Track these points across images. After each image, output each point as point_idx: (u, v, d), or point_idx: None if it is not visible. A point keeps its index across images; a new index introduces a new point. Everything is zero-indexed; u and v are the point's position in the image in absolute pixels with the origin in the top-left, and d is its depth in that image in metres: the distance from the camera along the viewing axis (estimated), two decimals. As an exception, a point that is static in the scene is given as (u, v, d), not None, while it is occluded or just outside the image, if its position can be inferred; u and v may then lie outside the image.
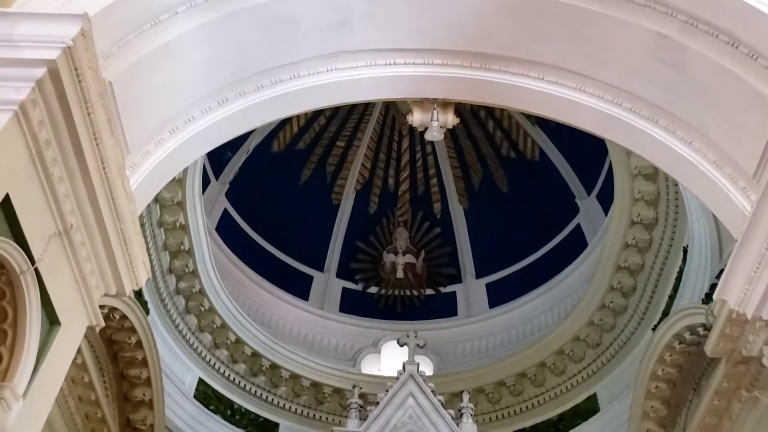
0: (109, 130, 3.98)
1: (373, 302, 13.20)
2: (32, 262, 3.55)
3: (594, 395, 10.41)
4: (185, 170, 8.56)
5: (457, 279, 13.40)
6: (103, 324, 4.38)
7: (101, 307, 6.86)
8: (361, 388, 8.91)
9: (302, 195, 13.31)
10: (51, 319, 3.76)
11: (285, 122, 13.02)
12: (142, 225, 8.70)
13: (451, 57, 5.56)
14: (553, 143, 12.75)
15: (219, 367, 10.22)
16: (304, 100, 5.65)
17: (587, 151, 11.92)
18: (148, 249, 8.93)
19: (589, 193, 12.01)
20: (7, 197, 3.33)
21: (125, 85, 4.42)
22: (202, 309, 9.97)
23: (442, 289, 13.27)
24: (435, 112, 5.98)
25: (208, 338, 10.25)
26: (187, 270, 9.52)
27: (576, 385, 10.60)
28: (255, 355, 10.51)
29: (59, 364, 3.85)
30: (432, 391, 7.86)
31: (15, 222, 3.42)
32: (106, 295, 4.31)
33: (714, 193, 4.90)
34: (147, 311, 8.92)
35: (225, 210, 12.12)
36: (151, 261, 9.16)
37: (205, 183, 11.50)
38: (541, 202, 12.77)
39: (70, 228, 3.75)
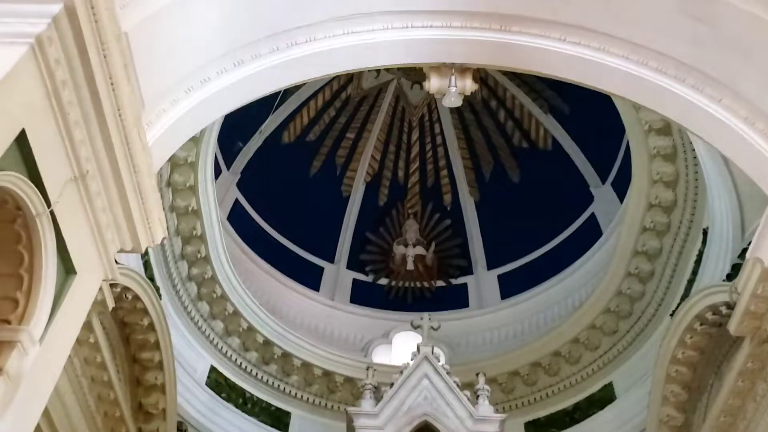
0: (126, 76, 3.88)
1: (384, 293, 13.05)
2: (48, 204, 3.43)
3: (610, 384, 10.22)
4: (197, 154, 8.47)
5: (468, 271, 13.24)
6: (118, 277, 4.25)
7: (113, 285, 6.80)
8: (375, 370, 8.75)
9: (312, 186, 13.20)
10: (67, 268, 3.65)
11: (295, 113, 12.96)
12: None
13: (470, 18, 5.44)
14: (566, 131, 12.63)
15: (231, 355, 10.09)
16: (319, 63, 5.54)
17: (602, 138, 11.81)
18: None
19: (603, 181, 11.86)
20: (23, 133, 3.23)
21: (141, 37, 4.32)
22: (214, 296, 9.84)
23: (453, 281, 13.12)
24: (452, 77, 5.86)
25: (220, 326, 10.12)
26: (199, 256, 9.41)
27: (592, 374, 10.42)
28: (267, 343, 10.37)
29: (75, 313, 3.74)
30: (447, 372, 7.70)
31: (31, 160, 3.32)
32: (121, 250, 4.19)
33: (746, 150, 4.76)
34: (159, 296, 8.81)
35: (236, 200, 12.02)
36: (162, 246, 9.09)
37: (217, 172, 11.43)
38: (554, 192, 12.59)
39: (86, 174, 3.65)
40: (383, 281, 13.19)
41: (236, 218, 11.79)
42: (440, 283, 13.13)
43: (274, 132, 12.73)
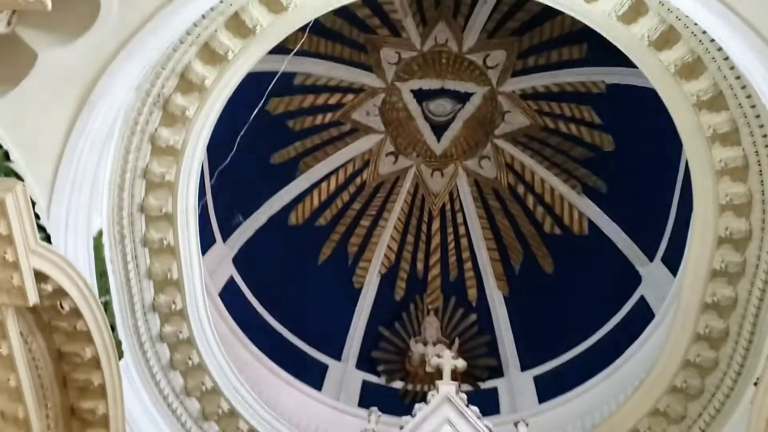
0: None
1: (398, 398, 11.12)
2: None
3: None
4: (177, 173, 7.31)
5: (498, 372, 11.34)
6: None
7: (40, 278, 5.29)
8: (380, 416, 6.81)
9: (320, 275, 11.84)
10: None
11: (304, 194, 11.99)
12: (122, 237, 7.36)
13: None
14: (603, 211, 11.34)
15: (204, 444, 8.18)
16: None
17: (645, 212, 10.52)
18: (126, 272, 7.53)
19: (651, 258, 10.34)
20: None
21: None
22: (190, 364, 8.17)
23: (482, 384, 11.17)
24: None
25: (195, 405, 8.33)
26: (174, 308, 7.90)
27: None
28: (252, 432, 8.46)
29: None
30: (478, 416, 5.78)
31: None
32: None
33: None
34: (120, 354, 7.24)
35: (231, 277, 10.65)
36: (130, 290, 7.66)
37: (210, 240, 10.25)
38: (594, 279, 11.06)
39: None
40: (397, 384, 11.32)
41: (229, 296, 10.33)
42: (465, 386, 11.15)
43: (280, 212, 11.68)
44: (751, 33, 5.11)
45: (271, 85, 9.40)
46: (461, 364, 7.35)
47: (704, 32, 6.08)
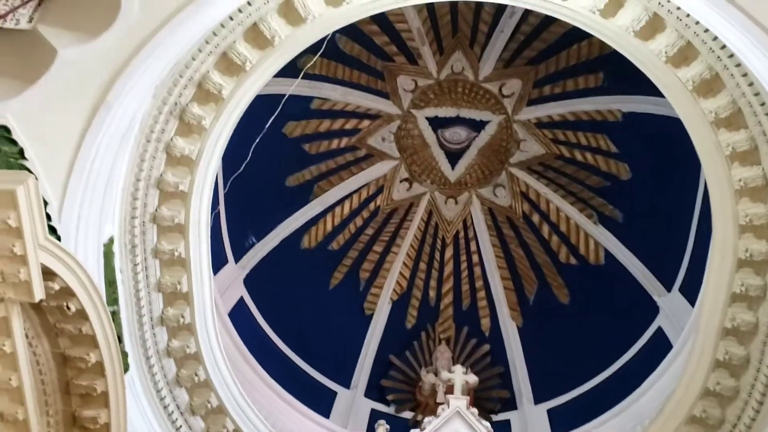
0: None
1: (407, 428, 10.81)
2: None
3: None
4: (191, 183, 7.29)
5: (511, 404, 11.05)
6: None
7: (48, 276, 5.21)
8: (389, 428, 6.58)
9: (331, 300, 11.71)
10: None
11: (318, 218, 11.95)
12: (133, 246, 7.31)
13: None
14: (620, 241, 11.17)
15: (208, 465, 7.96)
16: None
17: (662, 241, 10.35)
18: (136, 283, 7.47)
19: (669, 289, 10.12)
20: None
21: None
22: (196, 380, 8.01)
23: (494, 417, 10.86)
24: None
25: (199, 424, 8.14)
26: (182, 321, 7.78)
27: None
28: (258, 456, 8.24)
29: None
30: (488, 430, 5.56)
31: None
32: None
33: None
34: (126, 367, 7.13)
35: (241, 298, 10.55)
36: (138, 301, 7.58)
37: (222, 261, 10.19)
38: (610, 310, 10.84)
39: None
40: (407, 414, 11.05)
41: (238, 317, 10.21)
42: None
43: (293, 235, 11.63)
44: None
45: (286, 106, 9.41)
46: (472, 379, 7.17)
47: (723, 47, 6.04)
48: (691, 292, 9.36)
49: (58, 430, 6.11)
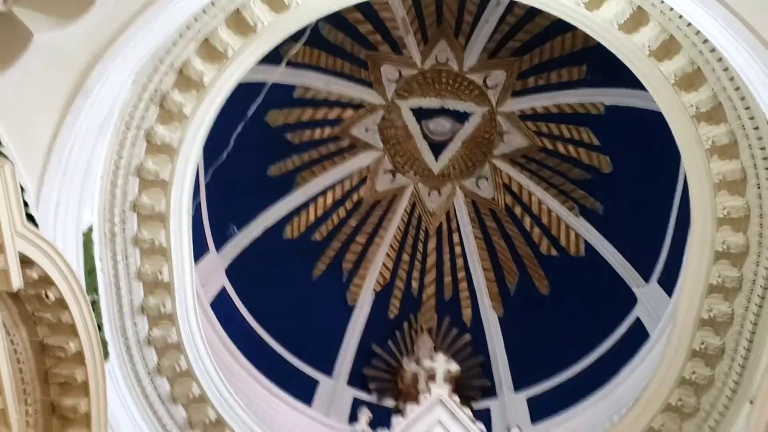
0: None
1: (389, 417, 10.86)
2: None
3: None
4: (172, 172, 7.23)
5: (491, 393, 11.14)
6: None
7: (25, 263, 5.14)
8: (371, 418, 6.61)
9: (314, 290, 11.69)
10: None
11: (301, 208, 11.91)
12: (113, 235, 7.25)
13: None
14: (600, 233, 11.26)
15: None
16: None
17: (641, 233, 10.45)
18: (116, 272, 7.41)
19: (647, 280, 10.23)
20: None
21: None
22: (177, 370, 7.98)
23: (474, 405, 10.93)
24: None
25: (181, 413, 8.12)
26: (163, 311, 7.75)
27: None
28: (239, 444, 8.24)
29: None
30: (471, 419, 5.60)
31: None
32: None
33: None
34: (106, 356, 7.08)
35: (223, 287, 10.51)
36: (119, 290, 7.52)
37: (203, 249, 10.13)
38: (589, 301, 10.94)
39: None
40: (389, 402, 11.10)
41: (220, 307, 10.17)
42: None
43: (275, 225, 11.58)
44: (754, 38, 5.10)
45: (268, 94, 9.37)
46: (454, 367, 7.20)
47: (705, 42, 6.08)
48: (669, 283, 9.49)
49: (37, 420, 6.06)
